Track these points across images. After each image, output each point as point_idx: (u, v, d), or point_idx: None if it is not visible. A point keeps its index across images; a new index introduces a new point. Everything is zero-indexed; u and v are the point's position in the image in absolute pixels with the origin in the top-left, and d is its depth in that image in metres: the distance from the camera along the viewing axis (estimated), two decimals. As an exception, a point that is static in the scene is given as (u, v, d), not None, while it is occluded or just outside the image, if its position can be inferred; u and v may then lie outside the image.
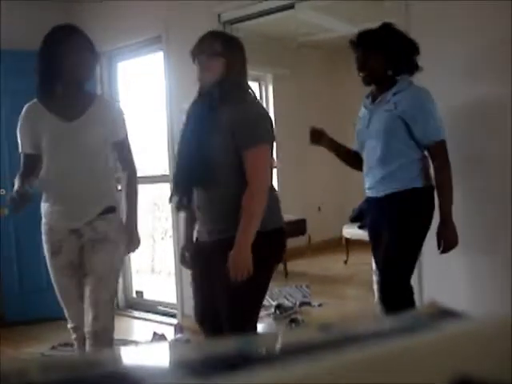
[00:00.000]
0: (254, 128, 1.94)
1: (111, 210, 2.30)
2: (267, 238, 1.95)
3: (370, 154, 2.41)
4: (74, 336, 2.34)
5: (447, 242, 2.33)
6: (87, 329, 2.22)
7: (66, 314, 2.32)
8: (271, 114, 6.79)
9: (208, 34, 2.05)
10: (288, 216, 5.66)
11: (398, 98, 2.31)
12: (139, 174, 2.52)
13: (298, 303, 4.29)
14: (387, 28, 2.38)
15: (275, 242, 2.05)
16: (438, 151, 2.29)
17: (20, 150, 2.24)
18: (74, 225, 2.22)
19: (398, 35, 2.37)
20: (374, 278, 3.45)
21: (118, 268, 2.33)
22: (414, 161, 2.33)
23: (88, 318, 2.22)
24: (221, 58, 1.97)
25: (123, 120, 2.40)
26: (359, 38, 2.40)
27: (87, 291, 2.24)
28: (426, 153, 2.37)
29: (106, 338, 2.23)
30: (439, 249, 2.36)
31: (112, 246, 2.27)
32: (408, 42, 2.36)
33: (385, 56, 2.34)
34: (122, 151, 2.38)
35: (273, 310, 4.07)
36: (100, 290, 2.23)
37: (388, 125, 2.32)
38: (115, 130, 2.33)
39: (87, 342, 2.25)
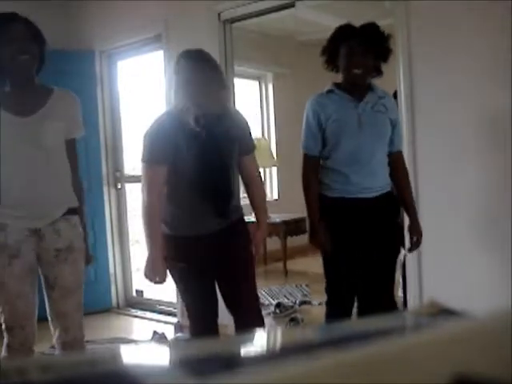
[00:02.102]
0: None
1: (73, 211, 2.14)
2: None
3: (365, 154, 2.31)
4: (16, 353, 2.02)
5: (420, 236, 2.43)
6: (56, 340, 2.14)
7: (16, 332, 2.03)
8: (271, 113, 6.83)
9: None
10: (288, 215, 5.69)
11: (384, 102, 2.36)
12: (139, 173, 2.48)
13: (297, 302, 4.29)
14: (378, 27, 2.33)
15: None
16: (401, 159, 2.52)
17: None
18: (34, 224, 2.03)
19: (385, 37, 2.33)
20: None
21: (83, 276, 2.19)
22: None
23: (55, 329, 2.13)
24: None
25: (80, 116, 2.22)
26: (366, 31, 2.29)
27: (51, 302, 2.11)
28: None
29: (76, 348, 2.13)
30: (411, 248, 2.46)
31: (77, 255, 2.12)
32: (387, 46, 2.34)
33: (377, 54, 2.31)
34: (71, 149, 2.19)
35: (272, 308, 4.07)
36: (67, 301, 2.11)
37: (386, 126, 2.36)
38: (72, 127, 2.16)
39: (56, 352, 2.18)
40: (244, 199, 2.44)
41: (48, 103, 2.07)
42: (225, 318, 2.43)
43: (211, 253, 2.18)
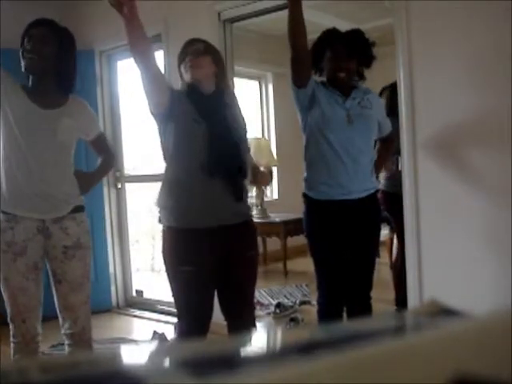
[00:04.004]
0: None
1: (80, 209, 2.25)
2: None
3: (354, 151, 2.31)
4: (18, 345, 2.15)
5: None
6: (64, 331, 2.22)
7: (18, 324, 2.14)
8: (271, 113, 6.81)
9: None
10: (288, 215, 5.68)
11: (369, 98, 2.41)
12: (139, 172, 2.51)
13: (297, 302, 4.29)
14: (363, 33, 2.42)
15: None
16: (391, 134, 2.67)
17: None
18: (41, 216, 2.12)
19: (369, 43, 2.43)
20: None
21: (90, 270, 2.29)
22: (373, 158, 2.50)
23: (64, 320, 2.21)
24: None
25: (96, 119, 2.49)
26: (352, 37, 2.37)
27: (60, 296, 2.20)
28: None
29: (84, 339, 2.23)
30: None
31: (84, 251, 2.22)
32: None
33: (360, 61, 2.41)
34: (102, 144, 2.46)
35: (272, 308, 4.07)
36: (76, 294, 2.20)
37: (373, 123, 2.41)
38: (89, 129, 2.37)
39: (65, 345, 2.26)
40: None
41: (66, 105, 2.23)
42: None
43: (219, 253, 2.08)
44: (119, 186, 4.57)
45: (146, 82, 2.02)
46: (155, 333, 3.58)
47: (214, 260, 2.09)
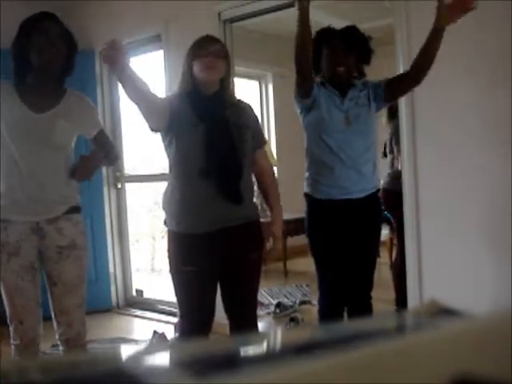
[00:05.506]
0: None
1: (76, 209, 2.20)
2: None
3: (353, 153, 2.31)
4: (17, 347, 2.13)
5: None
6: (59, 336, 2.20)
7: (15, 326, 2.13)
8: (271, 113, 6.80)
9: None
10: (288, 215, 5.67)
11: (365, 94, 2.38)
12: (139, 172, 2.49)
13: (297, 302, 4.29)
14: (358, 29, 2.41)
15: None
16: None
17: None
18: (35, 218, 2.08)
19: (365, 38, 2.41)
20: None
21: (85, 273, 2.24)
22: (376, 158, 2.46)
23: (59, 325, 2.19)
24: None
25: (96, 114, 2.38)
26: (347, 33, 2.37)
27: (54, 299, 2.17)
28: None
29: (79, 344, 2.21)
30: None
31: (80, 252, 2.18)
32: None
33: (358, 56, 2.39)
34: (103, 141, 2.36)
35: (272, 308, 4.07)
36: (71, 297, 2.16)
37: (372, 119, 2.38)
38: (90, 127, 2.28)
39: (60, 349, 2.24)
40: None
41: (61, 103, 2.15)
42: (225, 317, 2.42)
43: (221, 254, 2.08)
44: (119, 186, 4.57)
45: (144, 113, 1.99)
46: (155, 333, 3.58)
47: (216, 261, 2.10)
